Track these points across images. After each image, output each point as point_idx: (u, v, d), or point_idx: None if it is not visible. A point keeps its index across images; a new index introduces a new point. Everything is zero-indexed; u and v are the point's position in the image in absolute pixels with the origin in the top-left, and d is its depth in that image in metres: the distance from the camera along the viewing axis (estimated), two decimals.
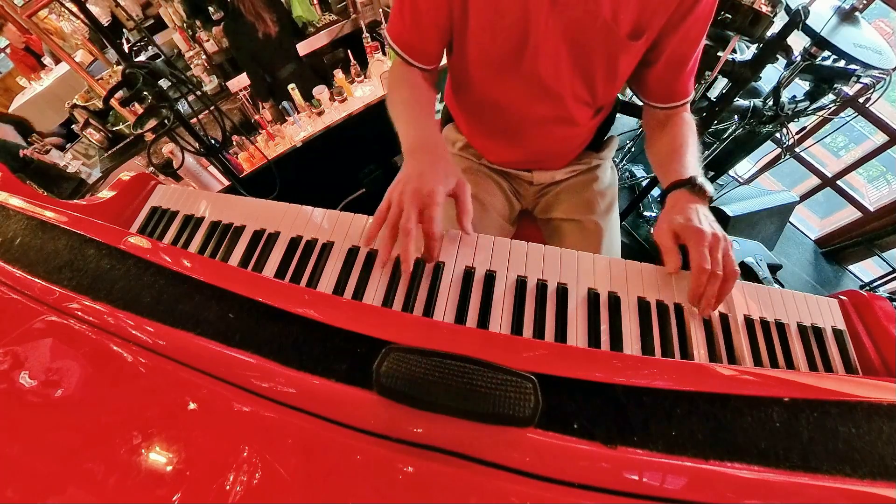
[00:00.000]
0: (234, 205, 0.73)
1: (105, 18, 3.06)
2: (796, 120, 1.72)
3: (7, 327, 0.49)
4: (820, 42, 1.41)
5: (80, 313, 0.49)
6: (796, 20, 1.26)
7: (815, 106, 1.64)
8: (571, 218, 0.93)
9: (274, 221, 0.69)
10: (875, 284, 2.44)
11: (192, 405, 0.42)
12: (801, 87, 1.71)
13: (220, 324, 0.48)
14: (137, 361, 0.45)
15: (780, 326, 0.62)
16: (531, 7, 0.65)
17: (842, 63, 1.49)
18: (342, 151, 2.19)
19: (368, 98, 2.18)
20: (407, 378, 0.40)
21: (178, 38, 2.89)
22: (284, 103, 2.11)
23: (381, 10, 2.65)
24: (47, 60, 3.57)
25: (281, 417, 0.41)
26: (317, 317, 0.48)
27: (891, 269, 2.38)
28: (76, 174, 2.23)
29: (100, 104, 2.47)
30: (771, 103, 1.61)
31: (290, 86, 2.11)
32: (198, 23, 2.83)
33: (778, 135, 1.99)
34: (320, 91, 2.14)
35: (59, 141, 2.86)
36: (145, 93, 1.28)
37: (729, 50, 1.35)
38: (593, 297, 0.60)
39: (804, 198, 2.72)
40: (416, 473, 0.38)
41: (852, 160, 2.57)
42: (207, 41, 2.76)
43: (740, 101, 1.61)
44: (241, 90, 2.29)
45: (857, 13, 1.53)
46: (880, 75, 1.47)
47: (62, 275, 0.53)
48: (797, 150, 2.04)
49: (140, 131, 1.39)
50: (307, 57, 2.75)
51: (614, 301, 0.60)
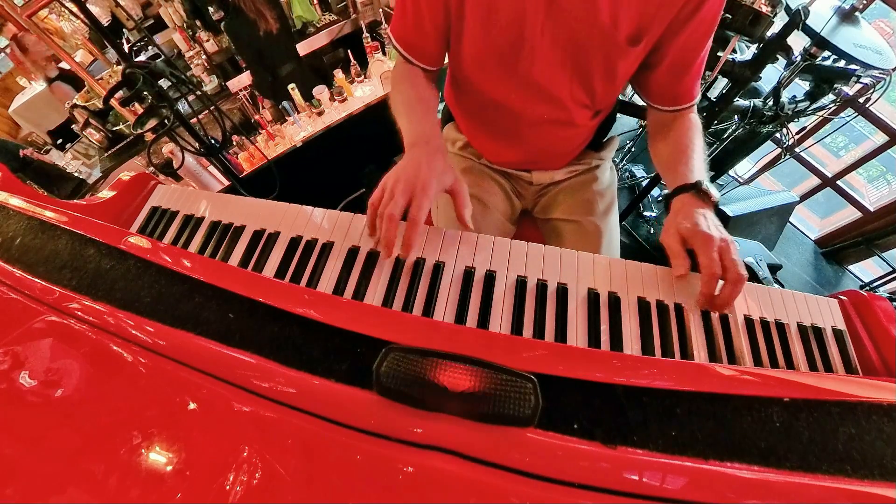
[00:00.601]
0: (234, 205, 0.73)
1: (105, 18, 3.05)
2: (796, 120, 1.72)
3: (7, 327, 0.49)
4: (820, 42, 1.41)
5: (80, 313, 0.49)
6: (796, 20, 1.26)
7: (815, 106, 1.64)
8: (571, 219, 0.93)
9: (274, 221, 0.69)
10: (875, 284, 2.44)
11: (192, 405, 0.42)
12: (801, 87, 1.70)
13: (220, 324, 0.48)
14: (137, 361, 0.45)
15: (780, 326, 0.62)
16: (527, 10, 0.65)
17: (842, 63, 1.49)
18: (342, 151, 2.19)
19: (368, 98, 2.18)
20: (407, 378, 0.40)
21: (178, 38, 2.89)
22: (284, 103, 2.11)
23: (381, 10, 2.65)
24: None
25: (281, 417, 0.41)
26: (317, 317, 0.48)
27: (891, 269, 2.38)
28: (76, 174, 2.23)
29: (100, 104, 2.47)
30: (771, 103, 1.61)
31: (290, 86, 2.11)
32: (198, 23, 2.83)
33: (778, 135, 1.99)
34: (320, 91, 2.14)
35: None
36: (145, 93, 1.28)
37: (729, 50, 1.35)
38: (593, 297, 0.60)
39: (804, 198, 2.71)
40: (416, 473, 0.38)
41: (852, 160, 2.57)
42: (207, 41, 2.76)
43: (740, 101, 1.61)
44: (241, 90, 2.29)
45: (857, 13, 1.53)
46: (880, 75, 1.47)
47: (62, 275, 0.53)
48: (797, 150, 2.04)
49: (140, 131, 1.39)
50: (307, 57, 2.75)
51: (614, 301, 0.60)
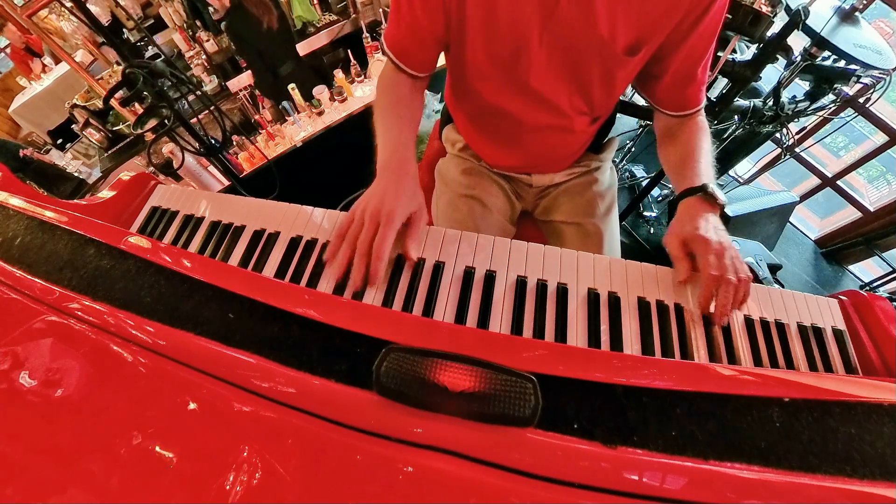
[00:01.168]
0: (234, 205, 0.73)
1: (105, 18, 3.05)
2: (796, 120, 1.72)
3: (7, 327, 0.49)
4: (820, 42, 1.41)
5: (80, 313, 0.49)
6: (796, 20, 1.26)
7: (815, 106, 1.64)
8: (572, 221, 0.93)
9: (274, 221, 0.68)
10: (875, 284, 2.44)
11: (192, 405, 0.42)
12: (801, 87, 1.70)
13: (220, 324, 0.48)
14: (137, 361, 0.45)
15: (780, 326, 0.62)
16: (526, 20, 0.65)
17: (842, 63, 1.49)
18: (342, 151, 2.19)
19: (368, 98, 2.18)
20: (407, 378, 0.40)
21: (178, 38, 2.89)
22: (284, 103, 2.11)
23: (381, 10, 2.65)
24: (47, 60, 3.57)
25: (281, 417, 0.41)
26: (317, 317, 0.48)
27: (891, 269, 2.38)
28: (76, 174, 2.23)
29: (100, 104, 2.47)
30: (771, 103, 1.61)
31: (291, 86, 2.11)
32: (198, 23, 2.83)
33: (778, 135, 1.99)
34: (320, 91, 2.14)
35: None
36: (145, 93, 1.28)
37: (729, 50, 1.35)
38: (593, 297, 0.60)
39: (804, 198, 2.71)
40: (416, 473, 0.38)
41: (852, 160, 2.57)
42: (207, 41, 2.76)
43: (740, 101, 1.61)
44: (241, 90, 2.29)
45: (857, 13, 1.52)
46: (880, 75, 1.47)
47: (62, 275, 0.53)
48: (797, 150, 2.04)
49: (140, 131, 1.40)
50: (307, 57, 2.75)
51: (614, 301, 0.60)
